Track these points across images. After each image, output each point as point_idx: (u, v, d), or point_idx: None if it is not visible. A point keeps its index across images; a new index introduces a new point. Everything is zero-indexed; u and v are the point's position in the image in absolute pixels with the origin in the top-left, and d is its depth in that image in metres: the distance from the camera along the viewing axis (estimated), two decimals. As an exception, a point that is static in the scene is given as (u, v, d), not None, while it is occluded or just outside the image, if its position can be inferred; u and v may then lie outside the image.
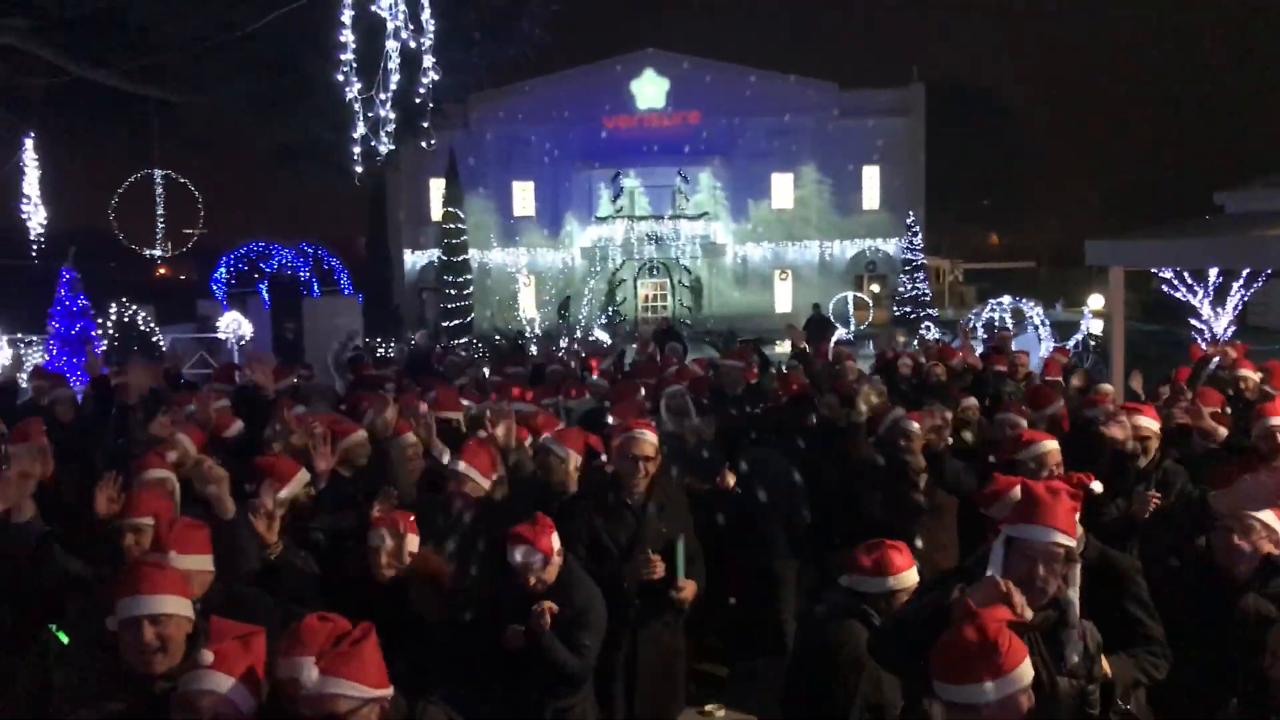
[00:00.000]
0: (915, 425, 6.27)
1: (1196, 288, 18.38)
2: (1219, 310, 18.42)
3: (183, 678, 3.01)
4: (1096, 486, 4.10)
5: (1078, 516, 3.46)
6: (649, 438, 5.22)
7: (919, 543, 5.42)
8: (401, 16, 9.23)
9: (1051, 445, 5.39)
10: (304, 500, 5.24)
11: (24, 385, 15.19)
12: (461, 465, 5.25)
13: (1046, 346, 16.66)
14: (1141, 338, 18.21)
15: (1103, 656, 3.42)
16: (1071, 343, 18.23)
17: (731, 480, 6.13)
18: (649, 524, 5.10)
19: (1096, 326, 20.02)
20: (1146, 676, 3.86)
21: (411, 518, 4.57)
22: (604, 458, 5.93)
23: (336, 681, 2.90)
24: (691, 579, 5.04)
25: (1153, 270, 18.46)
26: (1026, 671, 2.73)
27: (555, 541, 4.45)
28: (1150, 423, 5.81)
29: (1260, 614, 3.78)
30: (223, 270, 27.32)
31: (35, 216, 22.33)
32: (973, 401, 7.87)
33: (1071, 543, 3.27)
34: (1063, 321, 24.70)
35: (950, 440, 6.50)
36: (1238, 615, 3.87)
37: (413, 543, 4.48)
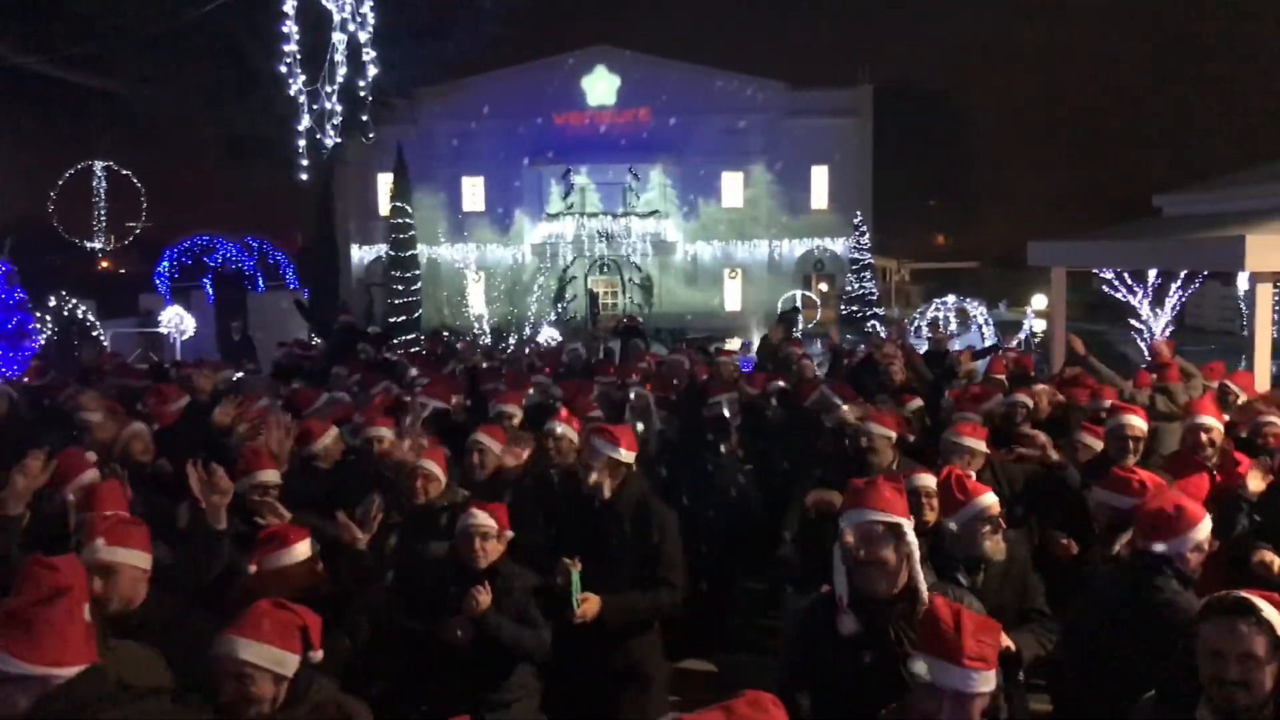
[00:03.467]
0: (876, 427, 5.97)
1: (1136, 288, 18.72)
2: (1158, 311, 18.77)
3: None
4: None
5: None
6: (604, 445, 4.86)
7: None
8: (348, 8, 9.13)
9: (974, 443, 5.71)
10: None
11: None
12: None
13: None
14: (1084, 337, 18.46)
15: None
16: (1014, 342, 18.47)
17: None
18: (611, 525, 4.84)
19: (1039, 326, 20.31)
20: (1043, 649, 4.09)
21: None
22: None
23: (239, 642, 2.92)
24: (589, 595, 4.56)
25: (1094, 271, 18.77)
26: None
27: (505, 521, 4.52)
28: (1138, 420, 5.74)
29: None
30: (166, 264, 26.87)
31: (-30, 207, 21.87)
32: (918, 403, 7.90)
33: (893, 519, 3.48)
34: (1007, 321, 24.98)
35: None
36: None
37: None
